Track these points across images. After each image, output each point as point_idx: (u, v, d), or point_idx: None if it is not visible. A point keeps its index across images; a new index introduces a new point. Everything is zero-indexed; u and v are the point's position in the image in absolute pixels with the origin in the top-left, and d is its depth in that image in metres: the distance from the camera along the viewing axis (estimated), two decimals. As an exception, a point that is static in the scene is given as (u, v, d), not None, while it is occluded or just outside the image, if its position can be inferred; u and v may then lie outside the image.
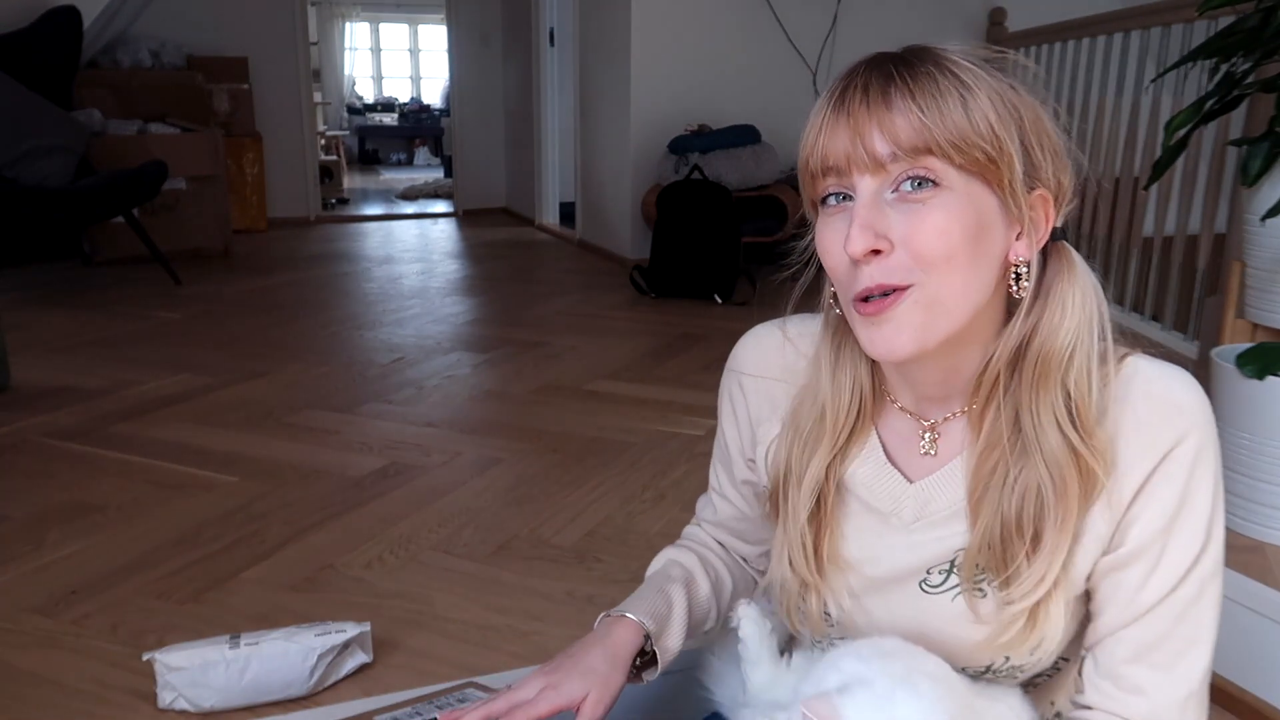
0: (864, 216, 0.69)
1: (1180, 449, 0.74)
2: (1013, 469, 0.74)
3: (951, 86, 0.69)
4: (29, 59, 4.10)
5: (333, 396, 2.53)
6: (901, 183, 0.70)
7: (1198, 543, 0.74)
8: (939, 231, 0.69)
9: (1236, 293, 2.06)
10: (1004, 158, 0.70)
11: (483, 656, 1.33)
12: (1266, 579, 1.49)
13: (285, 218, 5.95)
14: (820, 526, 0.83)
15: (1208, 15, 2.13)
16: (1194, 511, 0.74)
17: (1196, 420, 0.75)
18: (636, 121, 4.39)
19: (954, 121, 0.68)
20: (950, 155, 0.69)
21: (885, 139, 0.69)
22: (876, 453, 0.83)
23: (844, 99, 0.71)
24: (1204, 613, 0.75)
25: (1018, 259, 0.73)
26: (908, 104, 0.68)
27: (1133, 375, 0.76)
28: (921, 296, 0.70)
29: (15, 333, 3.02)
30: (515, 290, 4.15)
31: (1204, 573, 0.75)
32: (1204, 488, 0.74)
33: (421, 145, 11.65)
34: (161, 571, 1.57)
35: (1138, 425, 0.74)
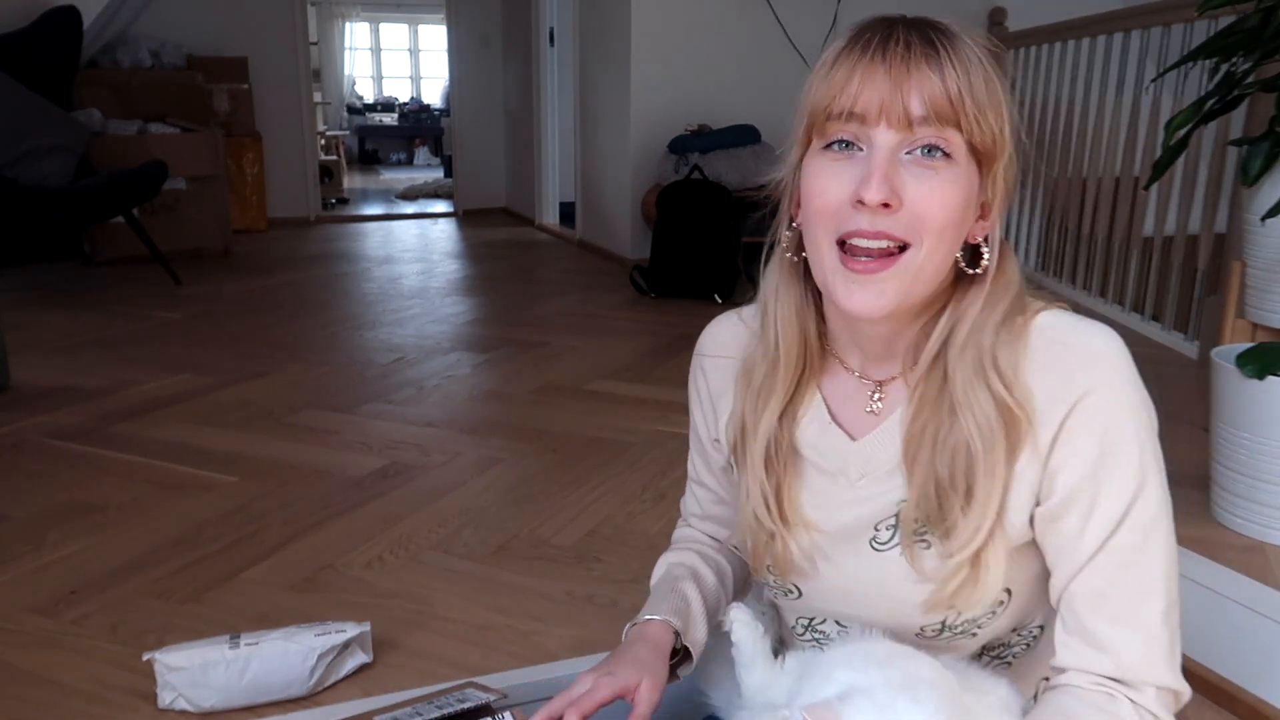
0: (884, 169, 0.71)
1: (1093, 397, 0.75)
2: (943, 426, 0.77)
3: (981, 66, 0.72)
4: (29, 59, 4.10)
5: (333, 396, 2.53)
6: (918, 147, 0.72)
7: (1129, 489, 0.75)
8: (944, 201, 0.72)
9: (1236, 293, 2.07)
10: (1000, 146, 0.73)
11: (483, 656, 1.33)
12: (1266, 579, 1.49)
13: (285, 218, 5.95)
14: (779, 479, 0.86)
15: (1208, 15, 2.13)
16: (1119, 457, 0.75)
17: (1110, 367, 0.76)
18: (636, 121, 4.38)
19: (983, 98, 0.72)
20: (973, 130, 0.72)
21: (923, 99, 0.71)
22: (821, 412, 0.86)
23: (885, 49, 0.71)
24: (1152, 560, 0.76)
25: (977, 238, 0.77)
26: (950, 70, 0.71)
27: (1045, 328, 0.78)
28: (912, 262, 0.73)
29: (15, 333, 3.02)
30: (515, 290, 4.15)
31: (1143, 519, 0.75)
32: (1126, 433, 0.75)
33: (421, 145, 11.65)
34: (161, 571, 1.57)
35: (1048, 375, 0.76)
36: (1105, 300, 3.56)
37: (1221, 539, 1.64)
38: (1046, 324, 0.78)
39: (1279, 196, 1.69)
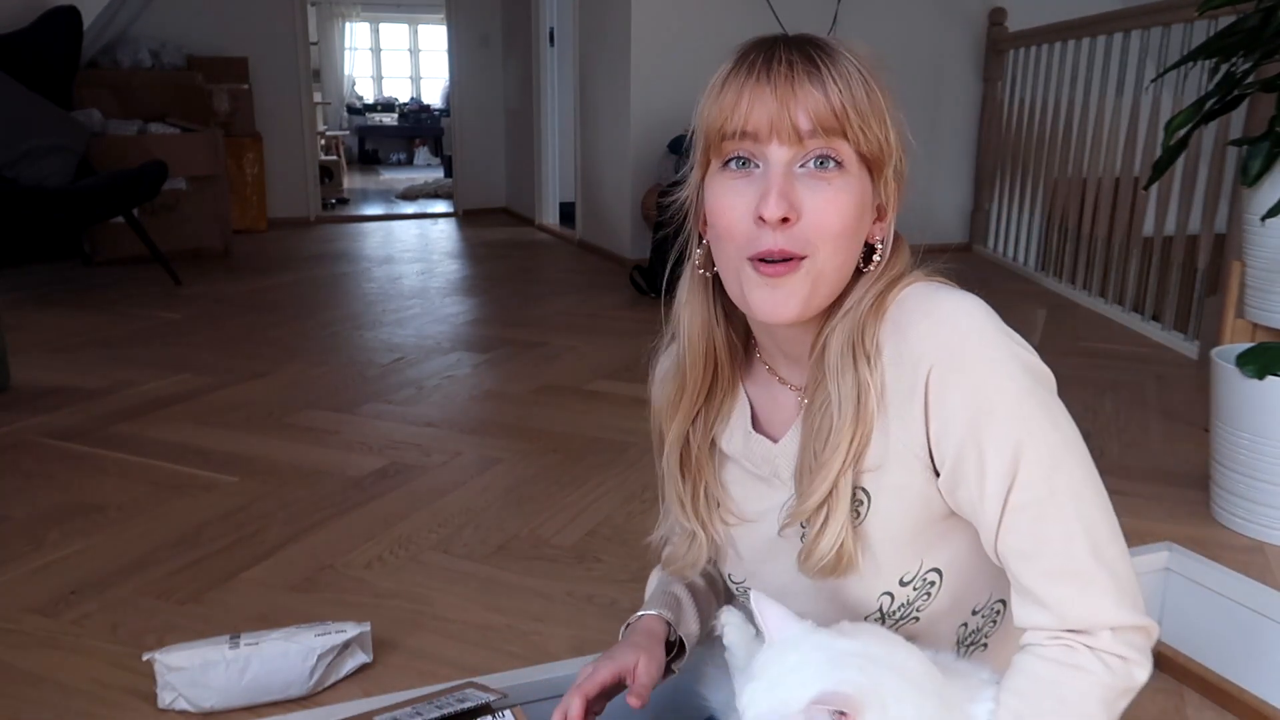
0: (780, 184, 0.75)
1: (945, 360, 0.77)
2: (818, 404, 0.82)
3: (861, 78, 0.75)
4: (29, 59, 4.09)
5: (333, 396, 2.53)
6: (811, 159, 0.76)
7: (1010, 441, 0.76)
8: (839, 210, 0.77)
9: (1236, 293, 2.07)
10: (888, 151, 0.77)
11: (483, 656, 1.33)
12: (1266, 579, 1.50)
13: (285, 218, 5.95)
14: (695, 480, 0.92)
15: (1208, 15, 2.14)
16: (990, 413, 0.76)
17: (957, 328, 0.78)
18: (636, 121, 4.39)
19: (865, 109, 0.75)
20: (859, 139, 0.75)
21: (809, 114, 0.75)
22: (744, 420, 0.91)
23: (769, 69, 0.76)
24: (1064, 505, 0.76)
25: (875, 239, 0.82)
26: (832, 85, 0.74)
27: (904, 299, 0.81)
28: (812, 268, 0.77)
29: (15, 333, 3.02)
30: (515, 290, 4.15)
31: (1039, 469, 0.76)
32: (995, 388, 0.76)
33: (421, 145, 11.65)
34: (161, 571, 1.57)
35: (906, 346, 0.79)
36: (1105, 300, 3.56)
37: (1221, 539, 1.64)
38: (905, 295, 0.81)
39: (1279, 196, 1.69)
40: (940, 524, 0.82)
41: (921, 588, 0.84)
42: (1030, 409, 0.76)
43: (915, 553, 0.83)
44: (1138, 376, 2.67)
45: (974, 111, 4.83)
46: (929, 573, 0.83)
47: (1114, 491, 1.95)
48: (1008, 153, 4.47)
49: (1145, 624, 0.76)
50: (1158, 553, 1.60)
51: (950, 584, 0.84)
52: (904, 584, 0.83)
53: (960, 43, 4.74)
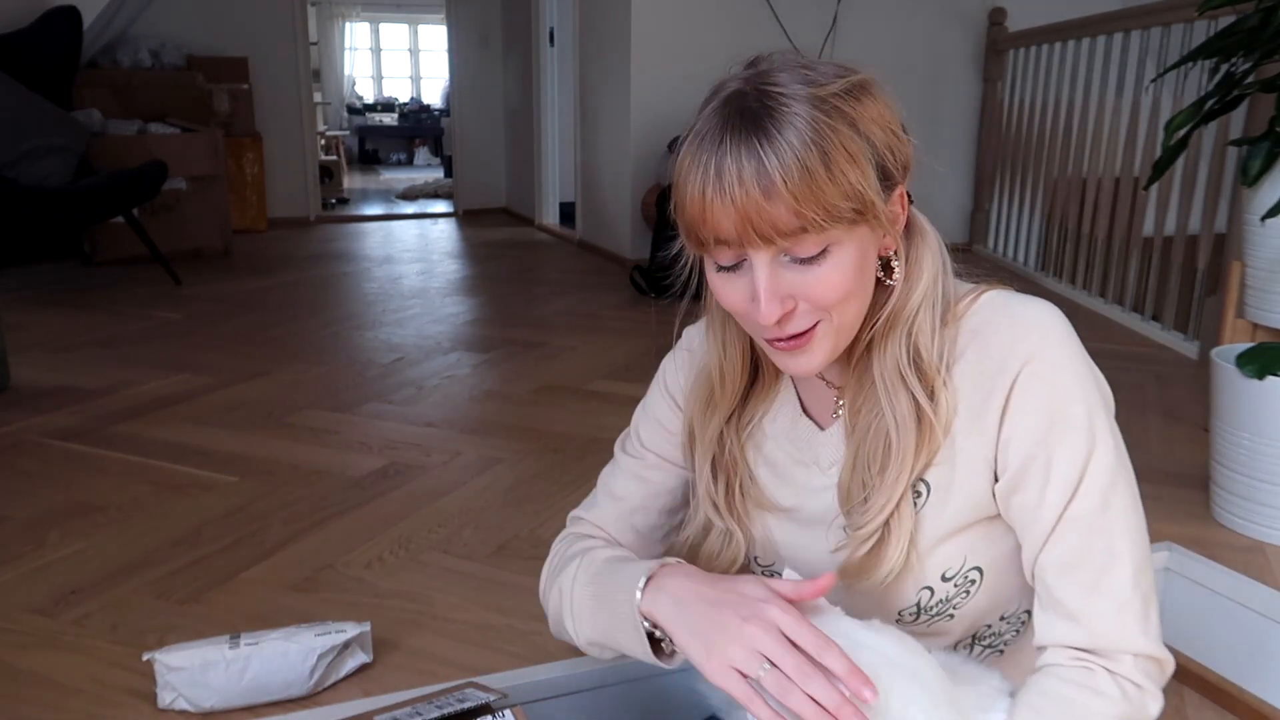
0: (769, 286, 0.75)
1: (1033, 364, 0.78)
2: (869, 417, 0.82)
3: (815, 154, 0.71)
4: (29, 59, 4.09)
5: (333, 396, 2.53)
6: (790, 256, 0.75)
7: (1082, 452, 0.78)
8: (834, 286, 0.76)
9: (1236, 293, 2.07)
10: (868, 206, 0.74)
11: (483, 656, 1.33)
12: (1266, 579, 1.50)
13: (285, 218, 5.95)
14: (729, 478, 0.91)
15: (1208, 15, 2.14)
16: (1067, 422, 0.78)
17: (1045, 335, 0.79)
18: (636, 121, 4.39)
19: (823, 198, 0.72)
20: (824, 224, 0.73)
21: (770, 225, 0.72)
22: (791, 404, 0.91)
23: (722, 181, 0.73)
24: (1114, 523, 0.77)
25: (888, 252, 0.81)
26: (785, 194, 0.71)
27: (983, 307, 0.82)
28: (829, 328, 0.78)
29: (15, 333, 3.02)
30: (515, 290, 4.15)
31: (1100, 483, 0.78)
32: (1073, 398, 0.78)
33: (421, 145, 11.65)
34: (161, 571, 1.57)
35: (988, 351, 0.80)
36: (1105, 300, 3.56)
37: (1221, 539, 1.64)
38: (983, 303, 0.82)
39: (1279, 196, 1.69)
40: (987, 524, 0.82)
41: (962, 585, 0.84)
42: (1100, 424, 0.79)
43: (960, 549, 0.83)
44: (1138, 376, 2.67)
45: (974, 111, 4.83)
46: (971, 570, 0.83)
47: (1114, 491, 1.91)
48: (1008, 153, 4.47)
49: (1164, 657, 0.77)
50: (1158, 553, 1.60)
51: (989, 584, 0.84)
52: (946, 579, 0.83)
53: (960, 43, 4.74)
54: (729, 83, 0.77)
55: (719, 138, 0.74)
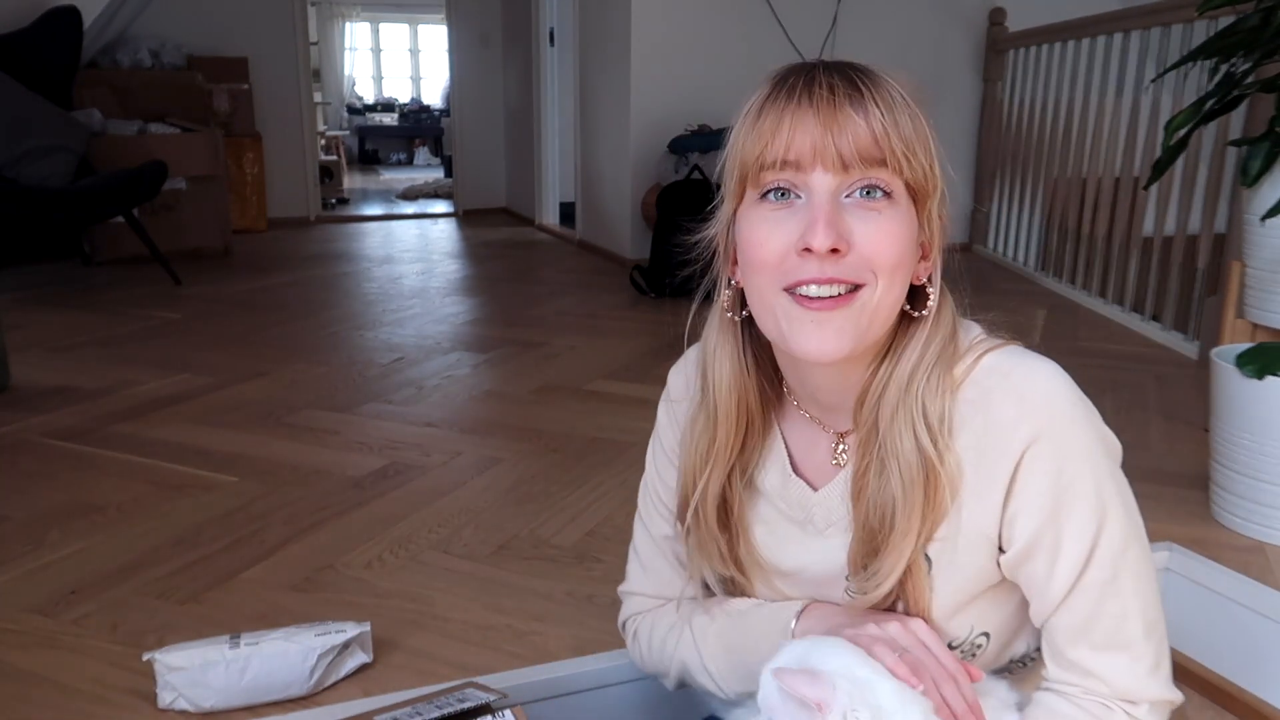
0: (828, 214, 0.70)
1: (1040, 444, 0.74)
2: (876, 477, 0.77)
3: (906, 105, 0.72)
4: (29, 59, 4.09)
5: (333, 396, 2.53)
6: (857, 189, 0.72)
7: (1091, 527, 0.75)
8: (893, 239, 0.72)
9: (1236, 293, 2.07)
10: (932, 182, 0.74)
11: (483, 656, 1.33)
12: (1266, 579, 1.50)
13: (285, 218, 5.95)
14: (732, 531, 0.87)
15: (1208, 15, 2.13)
16: (1077, 497, 0.75)
17: (1054, 410, 0.75)
18: (636, 121, 4.39)
19: (909, 136, 0.72)
20: (905, 168, 0.71)
21: (854, 141, 0.70)
22: (782, 461, 0.86)
23: (811, 94, 0.71)
24: (1124, 587, 0.76)
25: (922, 279, 0.77)
26: (876, 110, 0.70)
27: (988, 373, 0.77)
28: (869, 301, 0.73)
29: (15, 333, 3.02)
30: (515, 290, 4.15)
31: (1110, 553, 0.75)
32: (1081, 473, 0.75)
33: (421, 145, 11.65)
34: (161, 571, 1.57)
35: (992, 426, 0.75)
36: (1105, 300, 3.56)
37: (1221, 539, 1.64)
38: (984, 368, 0.77)
39: (1279, 196, 1.69)
40: (991, 591, 0.81)
41: (969, 650, 0.82)
42: (1109, 493, 0.76)
43: (967, 621, 0.81)
44: (1138, 376, 2.67)
45: (974, 111, 4.83)
46: (978, 636, 0.82)
47: (1114, 491, 1.91)
48: (1008, 153, 4.47)
49: (1176, 699, 0.78)
50: (1158, 553, 1.60)
51: (997, 643, 0.83)
52: (953, 647, 0.81)
53: (960, 43, 4.74)
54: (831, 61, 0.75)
55: (809, 69, 0.73)
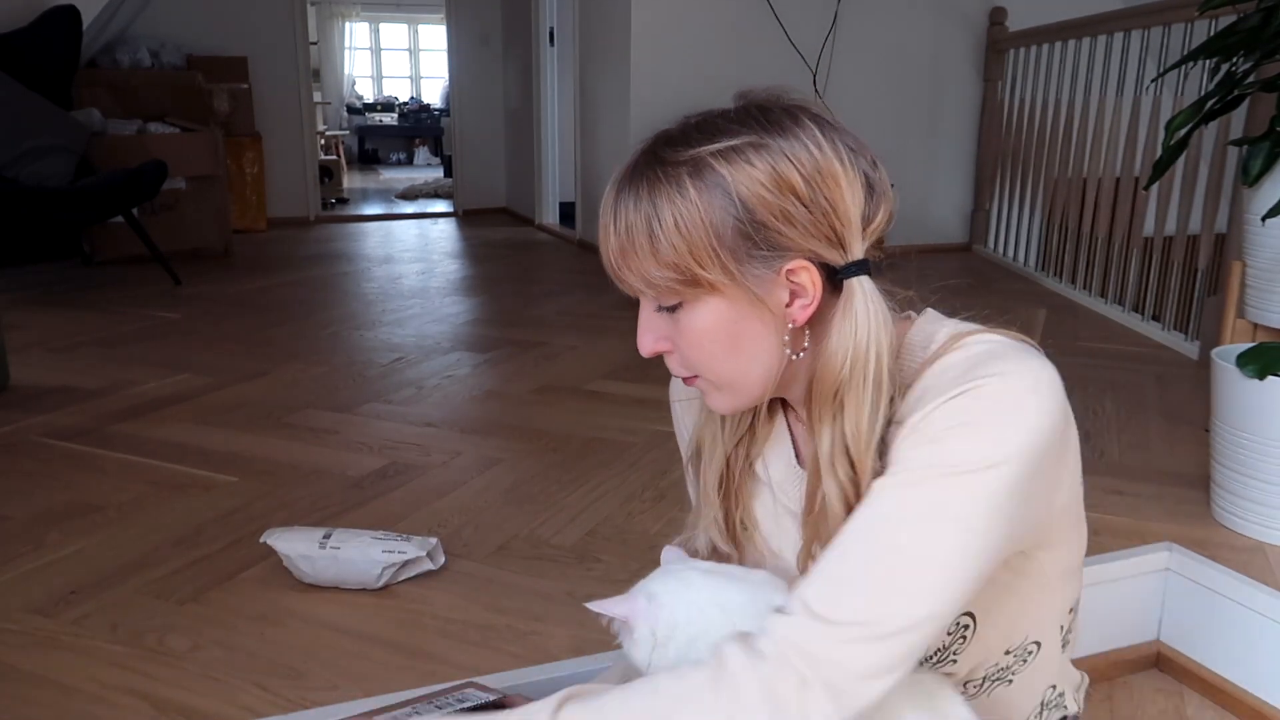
0: (644, 322, 0.81)
1: (963, 399, 0.71)
2: (819, 508, 0.79)
3: (640, 225, 0.75)
4: (29, 59, 4.09)
5: (333, 396, 2.53)
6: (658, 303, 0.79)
7: (925, 481, 0.71)
8: (693, 342, 0.79)
9: (1237, 293, 2.07)
10: (705, 273, 0.75)
11: (483, 656, 1.33)
12: (1266, 579, 1.50)
13: (285, 218, 5.95)
14: (731, 503, 0.92)
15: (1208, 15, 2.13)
16: (942, 444, 0.71)
17: (1023, 383, 0.73)
18: (636, 121, 4.38)
19: (641, 269, 0.76)
20: (647, 290, 0.78)
21: (617, 276, 0.79)
22: (787, 451, 0.90)
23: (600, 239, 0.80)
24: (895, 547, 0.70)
25: (794, 322, 0.78)
26: (614, 259, 0.78)
27: (980, 357, 0.75)
28: (708, 385, 0.81)
29: (15, 333, 3.02)
30: (515, 290, 4.15)
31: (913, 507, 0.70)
32: (969, 462, 0.70)
33: (421, 145, 11.65)
34: (161, 571, 1.57)
35: (926, 406, 0.73)
36: (1105, 300, 3.56)
37: (1221, 539, 1.64)
38: (985, 353, 0.75)
39: (1279, 196, 1.69)
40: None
41: (956, 632, 0.82)
42: (960, 493, 0.70)
43: None
44: (1138, 376, 2.67)
45: (974, 111, 4.83)
46: (963, 617, 0.81)
47: (1114, 491, 1.95)
48: (1008, 153, 4.47)
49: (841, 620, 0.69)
50: (1158, 553, 1.60)
51: (985, 626, 0.82)
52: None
53: (960, 43, 4.74)
54: (667, 127, 0.80)
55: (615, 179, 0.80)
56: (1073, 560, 0.86)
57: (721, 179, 0.74)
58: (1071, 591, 0.89)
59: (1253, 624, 1.47)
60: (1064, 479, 0.78)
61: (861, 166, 0.77)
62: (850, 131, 0.79)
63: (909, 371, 0.78)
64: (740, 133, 0.75)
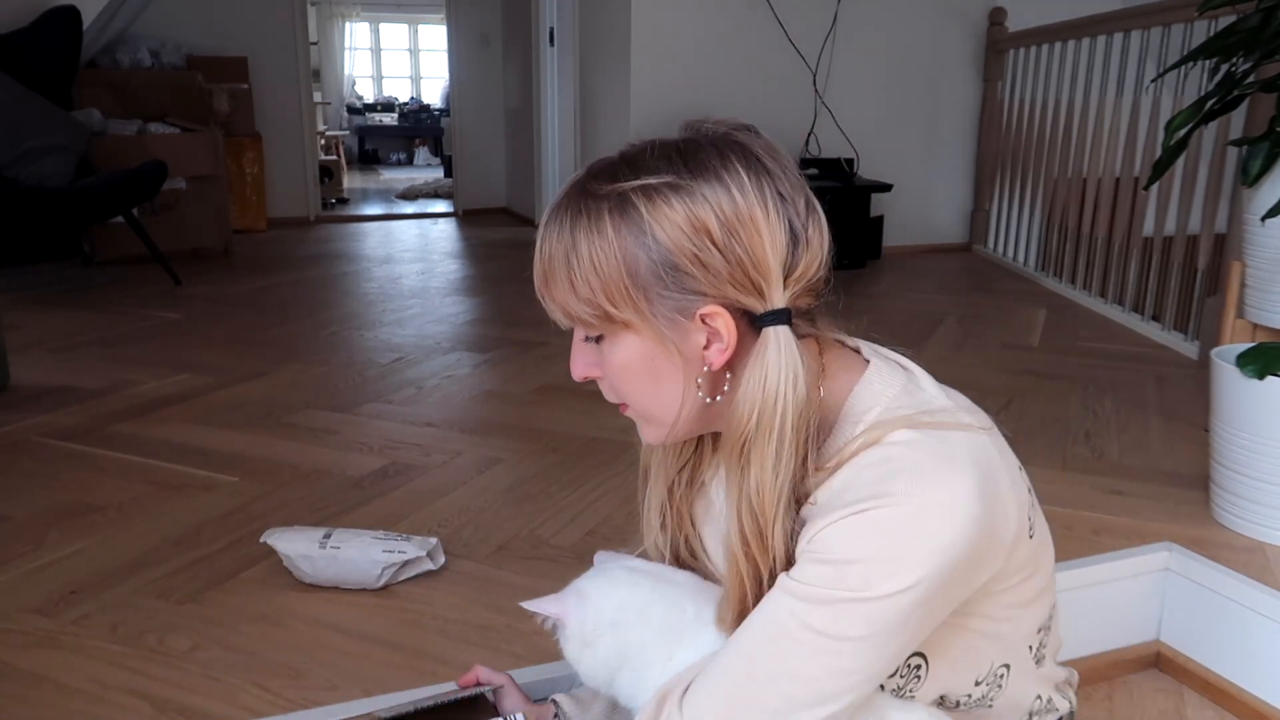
0: (576, 349, 0.83)
1: (874, 513, 0.71)
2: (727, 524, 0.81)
3: (560, 261, 0.77)
4: (29, 59, 4.09)
5: (333, 396, 2.53)
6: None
7: (816, 584, 0.72)
8: (614, 372, 0.81)
9: (1236, 293, 2.07)
10: (618, 312, 0.76)
11: (483, 656, 1.33)
12: (1266, 579, 1.50)
13: (285, 218, 5.95)
14: (673, 532, 0.95)
15: (1208, 15, 2.14)
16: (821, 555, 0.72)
17: (923, 545, 0.70)
18: (636, 121, 4.38)
19: (562, 299, 0.79)
20: (568, 320, 0.80)
21: (545, 303, 0.82)
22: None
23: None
24: (789, 660, 0.72)
25: (711, 364, 0.78)
26: (541, 288, 0.81)
27: (901, 460, 0.73)
28: (636, 416, 0.84)
29: (15, 333, 3.02)
30: (515, 290, 4.15)
31: (808, 623, 0.71)
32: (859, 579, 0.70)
33: (421, 145, 11.65)
34: (161, 571, 1.57)
35: (860, 488, 0.73)
36: (1105, 300, 3.56)
37: (1221, 539, 1.64)
38: (904, 457, 0.73)
39: (1279, 196, 1.69)
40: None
41: (908, 673, 0.80)
42: (842, 613, 0.71)
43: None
44: (1138, 376, 2.67)
45: (974, 111, 4.83)
46: (913, 657, 0.80)
47: (1114, 491, 1.95)
48: (1008, 153, 4.47)
49: None
50: (1158, 553, 1.60)
51: (940, 664, 0.81)
52: (890, 675, 0.79)
53: (960, 43, 4.74)
54: (603, 157, 0.82)
55: (549, 205, 0.81)
56: (1027, 594, 0.83)
57: (640, 217, 0.74)
58: (1035, 616, 0.86)
59: (1252, 624, 1.47)
60: (985, 570, 0.76)
61: (788, 214, 0.75)
62: (789, 174, 0.76)
63: (837, 447, 0.77)
64: (664, 171, 0.75)
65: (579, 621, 0.85)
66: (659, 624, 0.83)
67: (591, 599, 0.86)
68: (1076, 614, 1.43)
